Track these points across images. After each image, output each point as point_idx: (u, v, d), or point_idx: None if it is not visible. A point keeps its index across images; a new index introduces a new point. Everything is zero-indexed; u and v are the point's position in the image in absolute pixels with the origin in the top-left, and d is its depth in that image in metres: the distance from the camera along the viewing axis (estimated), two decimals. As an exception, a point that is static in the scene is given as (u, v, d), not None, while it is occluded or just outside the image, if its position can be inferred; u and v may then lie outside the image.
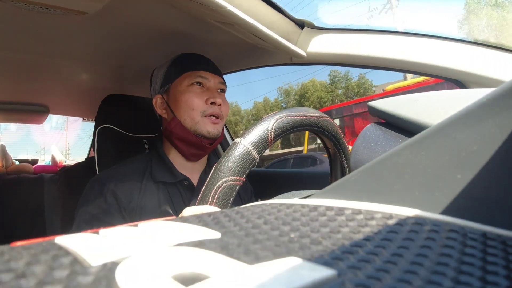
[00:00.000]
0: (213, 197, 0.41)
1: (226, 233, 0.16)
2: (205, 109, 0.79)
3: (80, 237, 0.15)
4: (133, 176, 0.78)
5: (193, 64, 0.83)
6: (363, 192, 0.20)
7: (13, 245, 0.14)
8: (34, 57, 1.03)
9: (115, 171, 0.79)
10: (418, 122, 0.32)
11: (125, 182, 0.76)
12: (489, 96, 0.18)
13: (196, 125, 0.79)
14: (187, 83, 0.81)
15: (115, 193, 0.74)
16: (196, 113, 0.79)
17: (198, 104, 0.79)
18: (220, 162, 0.43)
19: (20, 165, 1.90)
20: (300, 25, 0.89)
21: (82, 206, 0.75)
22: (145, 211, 0.74)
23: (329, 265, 0.12)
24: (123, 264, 0.12)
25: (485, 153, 0.17)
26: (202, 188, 0.43)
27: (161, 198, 0.77)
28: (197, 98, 0.80)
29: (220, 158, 0.44)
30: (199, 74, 0.82)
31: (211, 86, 0.83)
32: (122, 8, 0.78)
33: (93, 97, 1.36)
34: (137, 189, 0.76)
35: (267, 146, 0.46)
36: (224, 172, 0.42)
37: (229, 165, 0.42)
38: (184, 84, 0.81)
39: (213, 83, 0.83)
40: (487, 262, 0.13)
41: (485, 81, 0.65)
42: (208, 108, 0.80)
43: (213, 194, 0.41)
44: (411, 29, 23.59)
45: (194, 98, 0.79)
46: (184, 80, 0.81)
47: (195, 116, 0.79)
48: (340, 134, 0.58)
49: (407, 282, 0.11)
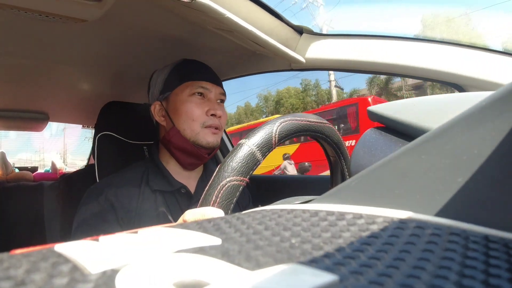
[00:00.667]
0: (216, 196, 0.41)
1: (226, 239, 0.16)
2: (206, 120, 0.79)
3: (80, 244, 0.15)
4: (131, 185, 0.77)
5: (195, 73, 0.82)
6: (364, 196, 0.20)
7: (12, 252, 0.14)
8: (33, 63, 1.04)
9: (113, 180, 0.79)
10: (418, 126, 0.32)
11: (123, 191, 0.76)
12: (488, 99, 0.18)
13: (196, 136, 0.79)
14: (188, 92, 0.80)
15: (112, 202, 0.73)
16: (196, 124, 0.78)
17: (198, 115, 0.79)
18: (225, 162, 0.43)
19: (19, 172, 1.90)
20: (298, 31, 0.90)
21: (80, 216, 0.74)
22: (143, 219, 0.73)
23: (331, 270, 0.12)
24: (123, 271, 0.12)
25: (486, 156, 0.17)
26: (205, 189, 0.43)
27: (159, 207, 0.76)
28: (198, 109, 0.79)
29: (224, 158, 0.44)
30: (200, 84, 0.81)
31: (211, 97, 0.82)
32: (121, 15, 0.78)
33: (93, 104, 1.36)
34: (135, 198, 0.76)
35: (271, 148, 0.46)
36: (228, 172, 0.42)
37: (234, 165, 0.42)
38: (185, 94, 0.80)
39: (213, 94, 0.82)
40: (490, 265, 0.13)
41: (484, 85, 0.66)
42: (208, 119, 0.79)
43: (216, 193, 0.41)
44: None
45: (195, 109, 0.79)
46: (185, 89, 0.80)
47: (195, 127, 0.78)
48: (341, 142, 0.58)
49: (410, 286, 0.11)
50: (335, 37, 0.86)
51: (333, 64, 0.87)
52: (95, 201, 0.74)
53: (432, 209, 0.18)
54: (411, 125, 0.33)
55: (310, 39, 0.89)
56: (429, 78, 0.74)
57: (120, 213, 0.73)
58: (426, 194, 0.18)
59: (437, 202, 0.18)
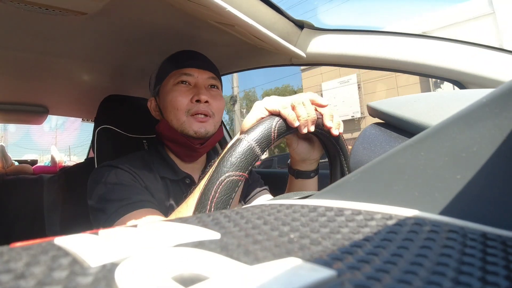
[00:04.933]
0: (215, 191, 0.41)
1: (225, 233, 0.16)
2: (190, 107, 0.76)
3: (79, 237, 0.15)
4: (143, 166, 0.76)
5: (179, 61, 0.80)
6: (363, 192, 0.20)
7: (12, 245, 0.14)
8: (33, 56, 1.03)
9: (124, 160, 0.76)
10: (417, 122, 0.32)
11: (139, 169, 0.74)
12: (489, 96, 0.18)
13: (182, 125, 0.76)
14: (172, 82, 0.78)
15: (133, 174, 0.71)
16: (181, 113, 0.76)
17: (182, 103, 0.76)
18: (224, 157, 0.43)
19: (19, 165, 1.90)
20: (299, 26, 0.89)
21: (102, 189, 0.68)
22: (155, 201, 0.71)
23: (329, 265, 0.12)
24: (123, 264, 0.12)
25: (485, 153, 0.17)
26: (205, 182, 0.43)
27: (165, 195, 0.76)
28: (181, 97, 0.76)
29: (223, 153, 0.44)
30: (183, 71, 0.78)
31: (198, 83, 0.79)
32: (121, 9, 0.78)
33: (92, 98, 1.36)
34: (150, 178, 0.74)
35: (270, 144, 0.46)
36: (227, 167, 0.42)
37: (233, 160, 0.42)
38: (170, 84, 0.78)
39: (200, 79, 0.79)
40: (487, 262, 0.13)
41: (484, 82, 0.65)
42: (192, 106, 0.76)
43: (215, 188, 0.41)
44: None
45: (178, 97, 0.76)
46: (170, 80, 0.79)
47: (180, 116, 0.76)
48: (341, 137, 0.58)
49: (407, 282, 0.11)
50: (336, 32, 0.86)
51: (333, 59, 0.87)
52: (119, 172, 0.70)
53: (430, 206, 0.18)
54: (411, 122, 0.33)
55: (311, 34, 0.89)
56: (430, 74, 0.74)
57: (143, 183, 0.71)
58: (424, 191, 0.18)
59: (436, 199, 0.18)
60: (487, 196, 0.16)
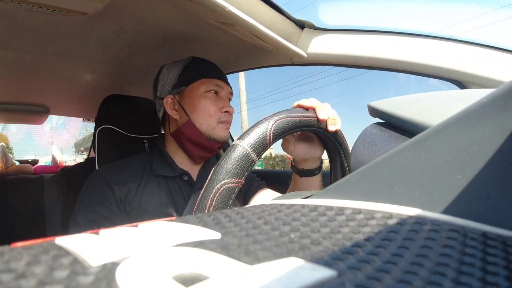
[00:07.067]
0: (212, 200, 0.41)
1: (226, 233, 0.16)
2: (221, 116, 0.84)
3: (80, 237, 0.15)
4: (133, 170, 0.82)
5: (211, 71, 0.87)
6: (363, 192, 0.20)
7: (13, 245, 0.14)
8: (34, 57, 1.03)
9: (114, 165, 0.83)
10: (418, 122, 0.32)
11: (123, 175, 0.80)
12: (489, 96, 0.18)
13: (211, 130, 0.84)
14: (204, 89, 0.84)
15: (111, 186, 0.77)
16: (213, 120, 0.84)
17: (215, 111, 0.84)
18: (219, 164, 0.43)
19: (20, 165, 1.90)
20: (300, 26, 0.89)
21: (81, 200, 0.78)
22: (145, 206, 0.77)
23: (329, 265, 0.12)
24: (123, 264, 0.12)
25: (486, 153, 0.17)
26: (203, 187, 0.43)
27: (161, 192, 0.80)
28: (214, 105, 0.84)
29: (218, 160, 0.44)
30: (216, 82, 0.86)
31: (223, 95, 0.87)
32: (122, 9, 0.78)
33: (93, 98, 1.36)
34: (135, 183, 0.79)
35: (266, 147, 0.46)
36: (223, 175, 0.42)
37: (228, 168, 0.42)
38: (201, 90, 0.84)
39: (225, 93, 0.88)
40: (488, 262, 0.13)
41: (485, 82, 0.65)
42: (223, 116, 0.85)
43: (212, 196, 0.41)
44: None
45: (211, 105, 0.84)
46: (201, 86, 0.84)
47: (211, 122, 0.84)
48: (340, 135, 0.58)
49: (407, 282, 0.11)
50: (337, 32, 0.86)
51: (334, 59, 0.87)
52: (95, 185, 0.78)
53: (431, 206, 0.18)
54: (411, 121, 0.33)
55: (312, 34, 0.89)
56: (431, 74, 0.74)
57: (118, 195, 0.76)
58: (425, 191, 0.18)
59: (436, 199, 0.18)
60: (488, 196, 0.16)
